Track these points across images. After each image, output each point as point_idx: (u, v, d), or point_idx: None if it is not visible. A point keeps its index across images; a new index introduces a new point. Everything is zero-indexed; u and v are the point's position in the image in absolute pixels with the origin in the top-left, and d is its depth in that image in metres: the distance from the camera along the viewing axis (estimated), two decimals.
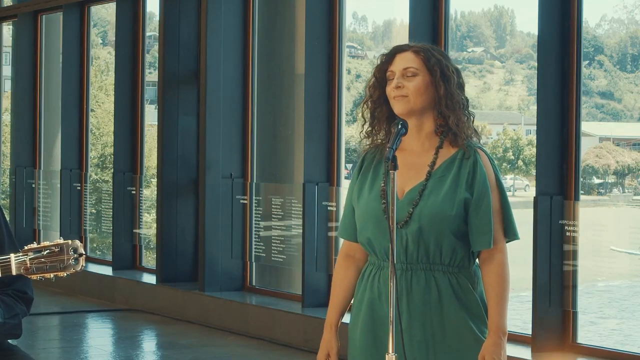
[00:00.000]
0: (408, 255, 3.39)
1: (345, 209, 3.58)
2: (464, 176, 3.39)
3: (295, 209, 8.71)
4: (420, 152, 3.46)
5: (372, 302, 3.45)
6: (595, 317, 9.67)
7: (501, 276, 3.39)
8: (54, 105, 11.99)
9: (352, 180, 3.58)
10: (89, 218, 11.27)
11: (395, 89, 3.41)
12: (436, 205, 3.36)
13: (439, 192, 3.38)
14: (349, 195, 3.57)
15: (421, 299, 3.39)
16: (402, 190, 3.43)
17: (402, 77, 3.42)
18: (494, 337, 3.36)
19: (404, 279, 3.40)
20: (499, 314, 3.37)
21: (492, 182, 3.41)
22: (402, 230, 3.38)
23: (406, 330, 3.37)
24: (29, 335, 8.65)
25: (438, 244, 3.37)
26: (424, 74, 3.41)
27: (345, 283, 3.57)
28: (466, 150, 3.42)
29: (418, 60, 3.42)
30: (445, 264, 3.39)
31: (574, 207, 6.77)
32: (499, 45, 13.78)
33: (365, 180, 3.50)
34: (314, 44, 8.44)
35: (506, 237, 3.43)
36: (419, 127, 3.46)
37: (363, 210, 3.45)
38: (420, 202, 3.38)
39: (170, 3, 9.71)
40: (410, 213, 3.38)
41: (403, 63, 3.43)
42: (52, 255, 3.46)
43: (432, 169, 3.41)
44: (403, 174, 3.42)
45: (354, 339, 3.53)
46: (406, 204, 3.40)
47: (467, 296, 3.41)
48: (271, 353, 8.07)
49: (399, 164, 3.36)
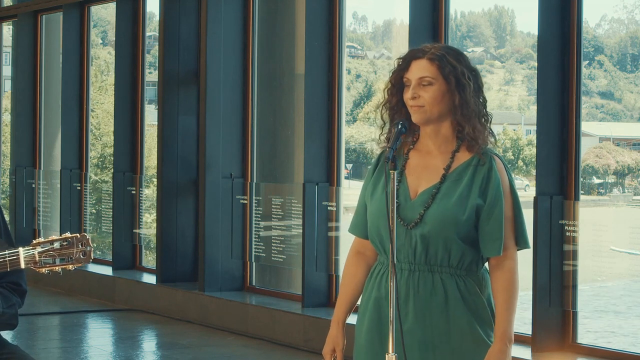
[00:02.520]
0: (417, 256, 3.40)
1: (358, 206, 3.58)
2: (478, 182, 3.39)
3: (295, 209, 8.71)
4: (436, 155, 3.46)
5: (379, 301, 3.45)
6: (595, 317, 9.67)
7: (511, 283, 3.39)
8: (54, 105, 11.99)
9: (367, 177, 3.58)
10: (89, 218, 11.27)
11: (412, 99, 3.42)
12: (448, 208, 3.37)
13: (452, 195, 3.39)
14: (362, 193, 3.57)
15: (428, 300, 3.39)
16: (415, 191, 3.44)
17: (418, 86, 3.41)
18: (500, 344, 3.36)
19: (412, 280, 3.41)
20: (506, 320, 3.36)
21: (505, 190, 3.41)
22: (412, 231, 3.38)
23: (410, 331, 3.37)
24: (29, 335, 8.66)
25: (447, 247, 3.37)
26: (440, 82, 3.40)
27: (354, 280, 3.57)
28: (482, 156, 3.41)
29: (433, 69, 3.40)
30: (454, 267, 3.40)
31: (574, 207, 6.77)
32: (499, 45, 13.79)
33: (380, 180, 3.50)
34: (314, 44, 8.44)
35: (517, 246, 3.43)
36: (437, 131, 3.46)
37: (374, 208, 3.45)
38: (433, 204, 3.39)
39: (170, 3, 9.71)
40: (421, 215, 3.38)
41: (419, 72, 3.41)
42: (60, 249, 3.49)
43: (447, 172, 3.42)
44: (418, 174, 3.44)
45: (359, 337, 3.53)
46: (418, 205, 3.40)
47: (474, 299, 3.41)
48: (271, 353, 8.07)
49: (415, 164, 3.40)
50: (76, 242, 3.50)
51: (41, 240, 3.54)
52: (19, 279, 3.97)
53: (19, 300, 3.97)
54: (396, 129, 3.38)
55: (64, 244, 3.50)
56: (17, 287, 3.97)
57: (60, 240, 3.51)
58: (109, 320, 9.57)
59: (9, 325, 3.94)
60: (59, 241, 3.51)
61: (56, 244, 3.50)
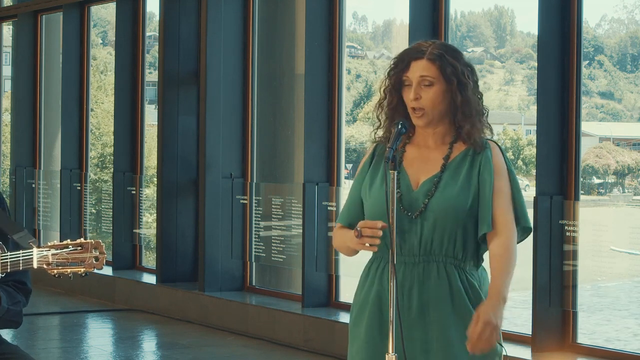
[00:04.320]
0: (422, 247, 3.40)
1: (350, 198, 3.57)
2: (476, 170, 3.43)
3: (295, 209, 8.71)
4: (434, 147, 3.50)
5: (381, 294, 3.44)
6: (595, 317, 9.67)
7: (506, 250, 3.37)
8: (54, 105, 11.99)
9: (361, 170, 3.57)
10: (89, 218, 11.27)
11: (413, 100, 3.43)
12: (452, 197, 3.39)
13: (455, 184, 3.41)
14: (356, 185, 3.55)
15: (433, 292, 3.39)
16: (416, 181, 3.45)
17: (418, 86, 3.43)
18: (493, 299, 3.32)
19: (417, 270, 3.41)
20: (502, 282, 3.34)
21: (502, 170, 3.43)
22: (417, 220, 3.40)
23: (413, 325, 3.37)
24: (29, 335, 8.66)
25: (452, 236, 3.39)
26: (441, 83, 3.42)
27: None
28: (477, 147, 3.45)
29: (434, 69, 3.42)
30: (457, 259, 3.41)
31: (574, 207, 6.77)
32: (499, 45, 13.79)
33: (377, 174, 3.50)
34: (314, 44, 8.44)
35: (517, 224, 3.43)
36: (435, 128, 3.50)
37: (374, 202, 3.45)
38: (436, 193, 3.41)
39: (170, 3, 9.71)
40: (425, 204, 3.40)
41: (419, 71, 3.43)
42: (74, 253, 3.52)
43: (447, 161, 3.44)
44: (418, 166, 3.46)
45: (357, 332, 3.50)
46: (422, 194, 3.42)
47: (474, 293, 3.41)
48: (271, 353, 8.07)
49: (414, 157, 3.42)
50: (90, 247, 3.54)
51: (56, 243, 3.57)
52: (24, 278, 4.00)
53: (23, 299, 3.99)
54: (396, 129, 3.38)
55: (78, 249, 3.54)
56: (22, 286, 4.00)
57: (75, 244, 3.54)
58: (109, 320, 9.57)
59: (14, 323, 3.95)
60: (74, 245, 3.54)
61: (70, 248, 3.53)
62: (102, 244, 3.57)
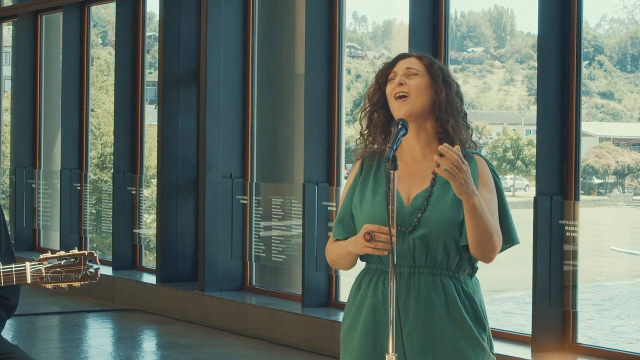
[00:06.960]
0: (416, 260, 3.39)
1: (342, 213, 3.53)
2: None
3: (295, 209, 8.71)
4: (420, 160, 3.47)
5: (375, 306, 3.42)
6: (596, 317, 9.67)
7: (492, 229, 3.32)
8: (54, 105, 12.00)
9: (349, 185, 3.55)
10: (89, 218, 11.27)
11: (397, 86, 3.43)
12: (444, 210, 3.37)
13: (446, 198, 3.39)
14: (347, 201, 3.52)
15: (428, 303, 3.38)
16: (407, 197, 3.43)
17: (404, 75, 3.45)
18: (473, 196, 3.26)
19: (411, 283, 3.40)
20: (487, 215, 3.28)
21: (487, 182, 3.41)
22: (410, 235, 3.38)
23: (411, 333, 3.36)
24: (29, 335, 8.66)
25: (446, 249, 3.38)
26: (426, 76, 3.45)
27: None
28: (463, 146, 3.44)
29: (421, 65, 3.47)
30: (452, 270, 3.40)
31: (574, 207, 6.78)
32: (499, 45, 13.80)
33: (366, 187, 3.48)
34: (314, 44, 8.44)
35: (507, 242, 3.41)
36: (418, 133, 3.46)
37: (368, 216, 3.42)
38: (428, 207, 3.39)
39: (170, 3, 9.72)
40: (418, 218, 3.38)
41: (406, 64, 3.47)
42: (68, 266, 3.49)
43: (436, 175, 3.39)
44: (407, 181, 3.44)
45: (351, 343, 3.47)
46: (414, 209, 3.40)
47: (470, 302, 3.41)
48: (271, 353, 8.07)
49: (402, 173, 3.38)
50: (83, 259, 3.50)
51: (48, 255, 3.53)
52: (9, 293, 3.97)
53: (2, 315, 3.97)
54: (396, 129, 3.34)
55: (72, 260, 3.50)
56: (4, 301, 3.98)
57: (67, 256, 3.51)
58: (109, 320, 9.58)
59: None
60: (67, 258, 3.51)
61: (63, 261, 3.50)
62: (95, 255, 3.53)
